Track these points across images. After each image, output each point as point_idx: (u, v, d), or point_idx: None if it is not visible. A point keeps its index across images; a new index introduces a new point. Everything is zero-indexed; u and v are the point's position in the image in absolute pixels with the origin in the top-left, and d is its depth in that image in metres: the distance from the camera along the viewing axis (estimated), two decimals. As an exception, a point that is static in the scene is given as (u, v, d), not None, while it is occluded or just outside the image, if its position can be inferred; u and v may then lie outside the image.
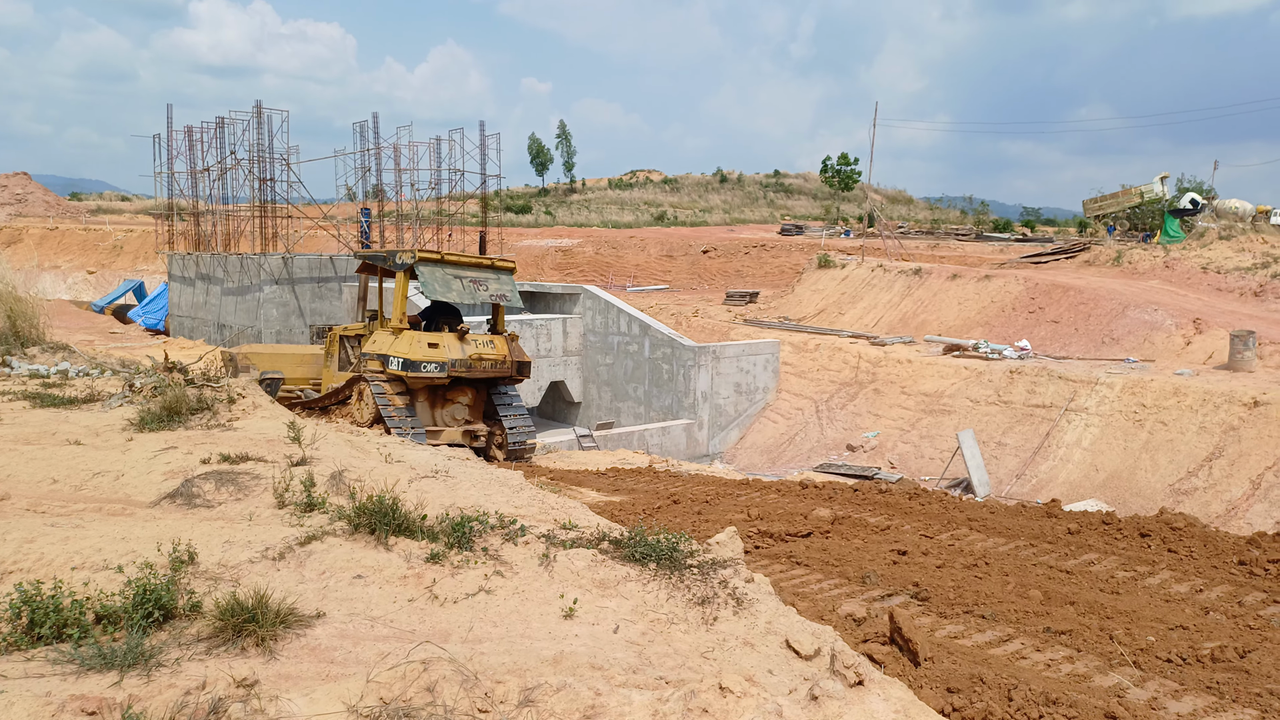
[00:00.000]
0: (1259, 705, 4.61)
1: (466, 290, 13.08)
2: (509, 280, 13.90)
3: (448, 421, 13.64)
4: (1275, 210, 37.13)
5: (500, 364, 13.35)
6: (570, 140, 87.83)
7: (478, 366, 13.05)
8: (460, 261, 13.48)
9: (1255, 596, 6.34)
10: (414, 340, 12.73)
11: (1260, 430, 13.66)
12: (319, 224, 33.16)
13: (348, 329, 15.31)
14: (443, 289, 12.80)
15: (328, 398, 14.23)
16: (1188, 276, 24.63)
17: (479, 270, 13.58)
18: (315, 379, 15.97)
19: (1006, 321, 22.90)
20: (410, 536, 4.04)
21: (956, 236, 53.37)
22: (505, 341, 13.65)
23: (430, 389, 13.40)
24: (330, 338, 15.56)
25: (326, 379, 15.32)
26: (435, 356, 12.64)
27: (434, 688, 2.80)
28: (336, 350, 15.31)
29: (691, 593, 3.99)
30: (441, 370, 12.68)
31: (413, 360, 12.51)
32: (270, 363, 15.66)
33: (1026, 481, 15.27)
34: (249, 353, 15.67)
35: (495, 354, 13.32)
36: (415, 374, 12.56)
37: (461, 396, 13.75)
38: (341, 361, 15.18)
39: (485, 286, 13.37)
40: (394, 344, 12.86)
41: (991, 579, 6.86)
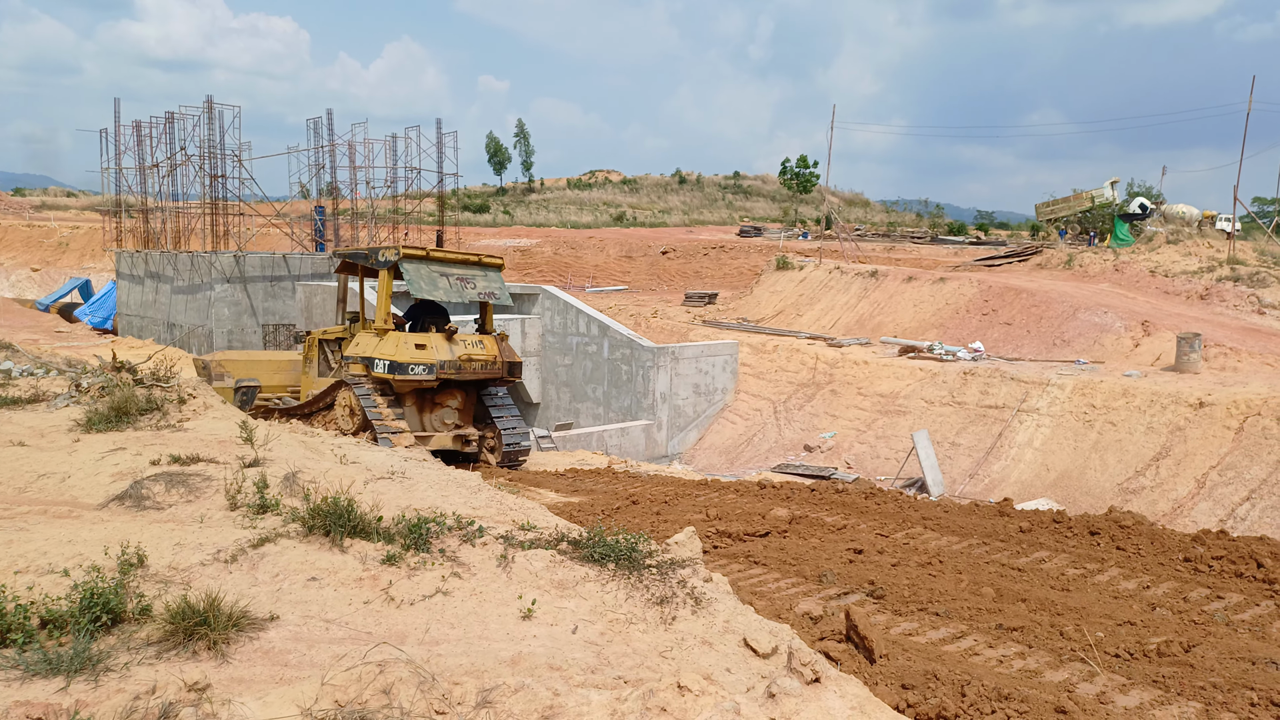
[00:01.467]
0: (1203, 698, 4.73)
1: (454, 288, 12.50)
2: (497, 277, 13.35)
3: (437, 426, 13.05)
4: (1221, 215, 38.18)
5: (491, 365, 12.74)
6: (528, 139, 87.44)
7: (467, 368, 12.44)
8: (446, 258, 12.90)
9: (1199, 592, 6.51)
10: (400, 341, 12.08)
11: (1205, 430, 14.02)
12: (272, 222, 32.65)
13: (327, 332, 14.60)
14: (429, 287, 12.22)
15: (309, 404, 13.62)
16: (1136, 280, 25.20)
17: (466, 267, 13.04)
18: (294, 386, 15.28)
19: (961, 323, 23.25)
20: (366, 538, 3.99)
21: (912, 239, 54.08)
22: (495, 341, 13.03)
23: (418, 393, 12.79)
24: (308, 342, 14.83)
25: (305, 386, 14.65)
26: (423, 358, 11.99)
27: (390, 689, 2.77)
28: (316, 355, 14.61)
29: (650, 593, 3.99)
30: (430, 373, 12.02)
31: (399, 363, 11.86)
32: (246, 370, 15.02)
33: (980, 481, 15.51)
34: (223, 360, 15.04)
35: (485, 354, 12.71)
36: (402, 377, 11.89)
37: (451, 400, 13.15)
38: (321, 367, 14.49)
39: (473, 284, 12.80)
40: (378, 346, 12.25)
41: (945, 577, 6.97)
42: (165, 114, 30.64)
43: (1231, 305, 22.16)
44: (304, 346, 14.96)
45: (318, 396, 13.38)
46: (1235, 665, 5.05)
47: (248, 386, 14.51)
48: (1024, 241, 46.13)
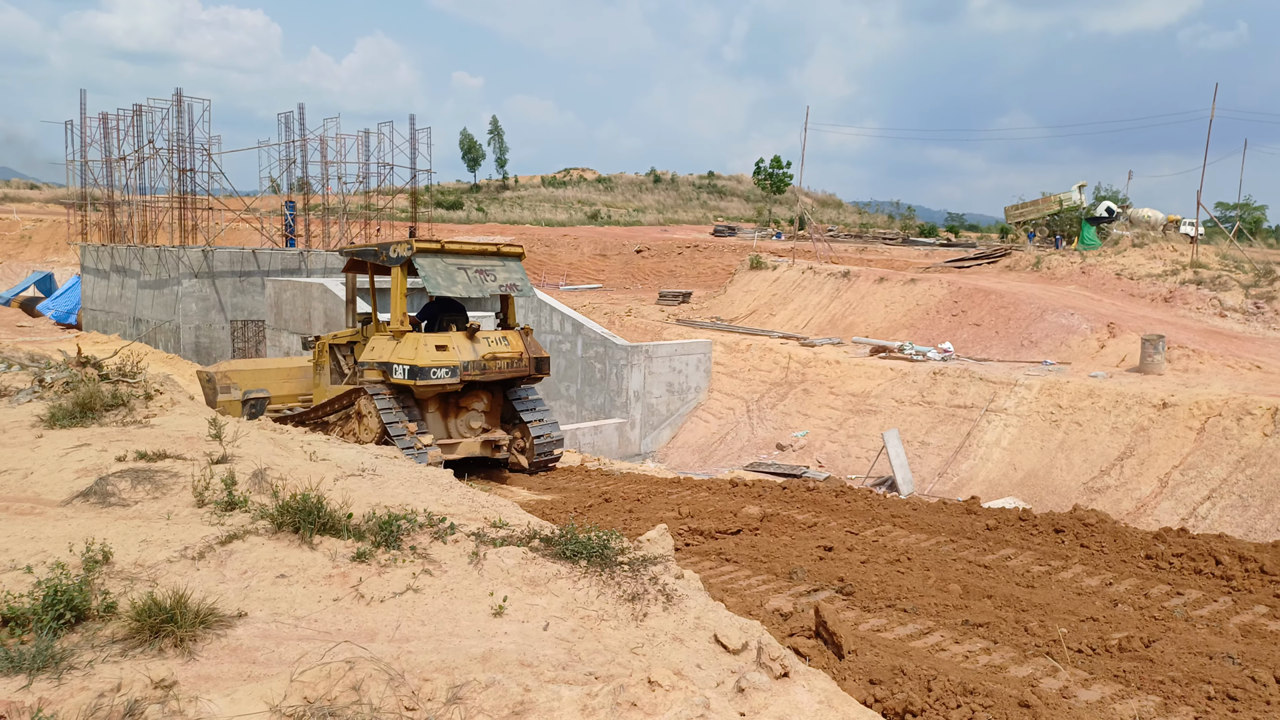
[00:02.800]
0: (1162, 692, 4.82)
1: (473, 282, 11.62)
2: (518, 267, 12.46)
3: (463, 432, 12.17)
4: (1185, 220, 38.84)
5: (517, 362, 11.86)
6: (503, 136, 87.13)
7: (493, 367, 11.53)
8: (463, 250, 11.92)
9: (1160, 589, 6.63)
10: (419, 344, 11.16)
11: (1168, 431, 14.26)
12: (241, 217, 32.29)
13: (337, 336, 13.70)
14: (446, 283, 11.34)
15: (323, 412, 12.72)
16: (1103, 282, 25.57)
17: (484, 258, 12.10)
18: (305, 394, 14.47)
19: (931, 324, 23.48)
20: (335, 535, 3.98)
21: (884, 240, 54.52)
22: (519, 336, 12.19)
23: (441, 397, 11.97)
24: (318, 347, 13.96)
25: (318, 395, 13.83)
26: (445, 360, 11.09)
27: (360, 686, 2.77)
28: (327, 361, 13.74)
29: (622, 589, 4.01)
30: (454, 375, 11.11)
31: (420, 367, 10.91)
32: (253, 380, 14.25)
33: (948, 479, 15.68)
34: (229, 371, 14.25)
35: (510, 351, 11.84)
36: (424, 382, 10.94)
37: (476, 402, 12.27)
38: (334, 373, 13.64)
39: (493, 276, 11.91)
40: (396, 349, 11.32)
41: (913, 574, 7.04)
42: (133, 106, 30.24)
43: (1194, 308, 22.55)
44: (314, 352, 14.12)
45: (331, 404, 12.59)
46: (1193, 660, 5.16)
47: (256, 398, 13.76)
48: (993, 244, 46.68)
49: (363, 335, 12.75)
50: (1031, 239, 39.55)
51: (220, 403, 13.07)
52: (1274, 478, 12.56)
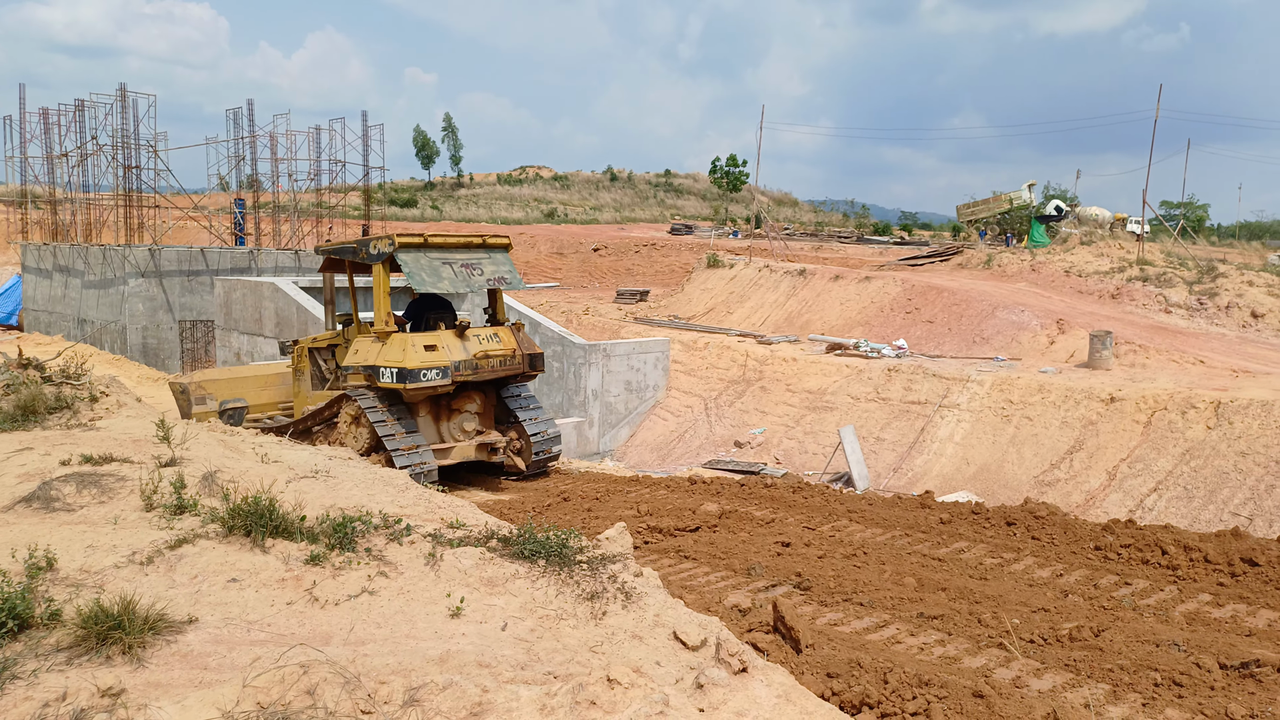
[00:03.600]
0: (1111, 680, 4.94)
1: (460, 277, 11.05)
2: (505, 259, 11.87)
3: (456, 435, 11.59)
4: (1131, 218, 39.76)
5: (510, 360, 11.33)
6: (457, 133, 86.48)
7: (485, 366, 11.00)
8: (446, 243, 11.35)
9: (1109, 579, 6.78)
10: (407, 345, 10.56)
11: (1116, 425, 14.59)
12: (189, 215, 31.65)
13: (317, 340, 13.01)
14: (432, 279, 10.75)
15: (307, 422, 11.99)
16: (1052, 279, 26.08)
17: (469, 251, 11.52)
18: (284, 402, 13.82)
19: (885, 321, 23.76)
20: (289, 538, 3.91)
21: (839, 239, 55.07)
22: (510, 332, 11.68)
23: (432, 400, 11.38)
24: (297, 352, 13.22)
25: (299, 402, 13.15)
26: (435, 361, 10.53)
27: (314, 690, 2.73)
28: (307, 366, 13.04)
29: (581, 588, 4.00)
30: (445, 376, 10.54)
31: (409, 369, 10.31)
32: (229, 389, 13.48)
33: (903, 475, 15.88)
34: (203, 381, 13.46)
35: (502, 348, 11.30)
36: (415, 385, 10.35)
37: (469, 404, 11.71)
38: (315, 379, 12.96)
39: (480, 270, 11.34)
40: (382, 352, 10.70)
41: (869, 568, 7.12)
42: (75, 101, 29.50)
43: (1141, 304, 23.10)
44: (292, 357, 13.40)
45: (315, 413, 11.85)
46: (1141, 648, 5.28)
47: (234, 408, 13.07)
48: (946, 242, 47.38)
49: (344, 337, 12.25)
50: (983, 237, 40.21)
51: (195, 414, 12.59)
52: (1217, 470, 12.91)
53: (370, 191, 35.45)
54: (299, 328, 20.72)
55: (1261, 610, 6.02)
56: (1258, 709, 4.50)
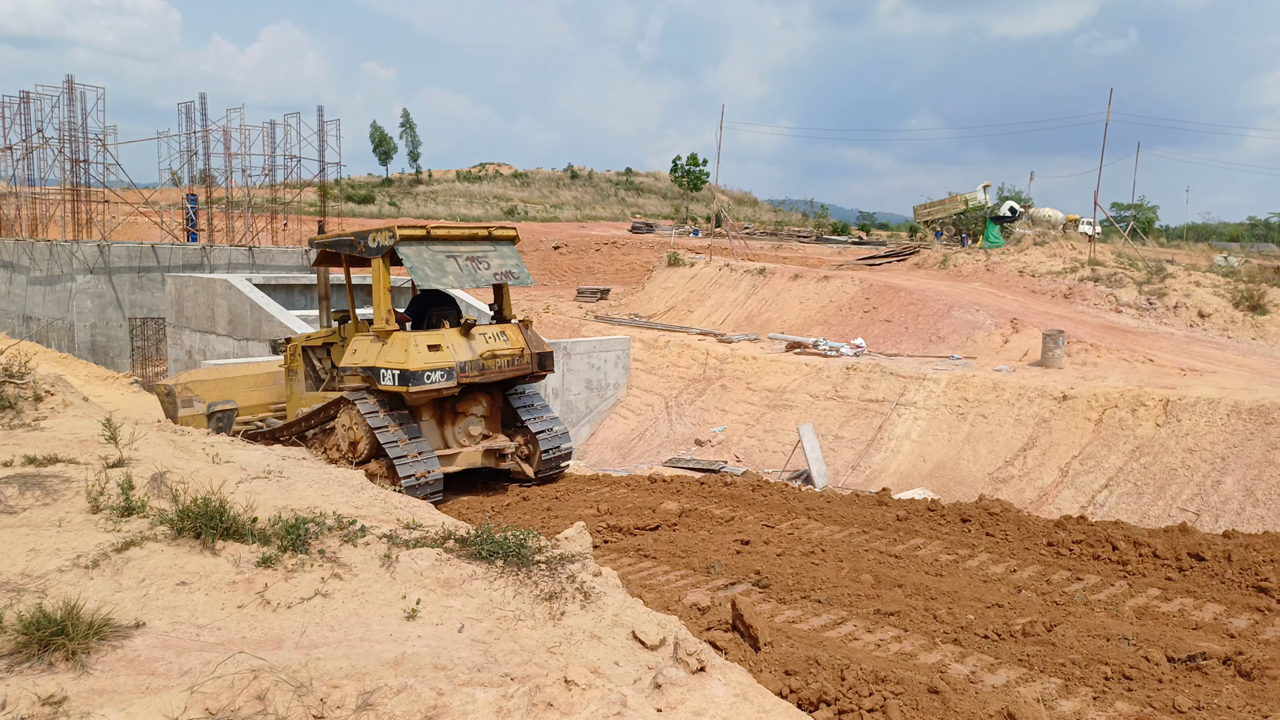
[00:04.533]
0: (1063, 674, 5.02)
1: (465, 271, 10.43)
2: (512, 252, 11.20)
3: (462, 440, 10.98)
4: (1083, 219, 40.53)
5: (518, 359, 10.70)
6: (415, 129, 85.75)
7: (491, 366, 10.36)
8: (450, 236, 10.69)
9: (1061, 575, 6.89)
10: (409, 344, 9.90)
11: (1068, 422, 14.85)
12: (140, 210, 31.00)
13: (311, 338, 12.28)
14: (435, 273, 10.13)
15: (301, 425, 11.32)
16: (1006, 279, 26.49)
17: (474, 244, 10.85)
18: (276, 404, 13.13)
19: (844, 320, 23.97)
20: (240, 540, 3.84)
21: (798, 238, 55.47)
22: (518, 330, 11.01)
23: (435, 403, 10.75)
24: (290, 350, 12.49)
25: (292, 404, 12.44)
26: (439, 362, 9.88)
27: (265, 695, 2.67)
28: (301, 365, 12.33)
29: (539, 588, 3.97)
30: (450, 378, 9.89)
31: (412, 371, 9.68)
32: (218, 390, 12.76)
33: (861, 472, 16.03)
34: (190, 382, 12.72)
35: (510, 347, 10.66)
36: (419, 387, 9.72)
37: (475, 406, 11.08)
38: (310, 379, 12.26)
39: (486, 263, 10.71)
40: (383, 352, 10.06)
41: (827, 565, 7.17)
42: (20, 93, 28.78)
43: (1092, 304, 23.55)
44: (285, 356, 12.64)
45: (310, 416, 11.15)
46: (1092, 642, 5.38)
47: (223, 410, 12.44)
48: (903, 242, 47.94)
49: (340, 336, 11.63)
50: (939, 237, 40.73)
51: (182, 418, 12.08)
52: (1166, 466, 13.20)
53: (326, 188, 35.02)
54: (252, 325, 20.39)
55: (1208, 604, 6.16)
56: (1204, 700, 4.60)
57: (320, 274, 12.60)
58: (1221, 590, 6.35)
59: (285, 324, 19.57)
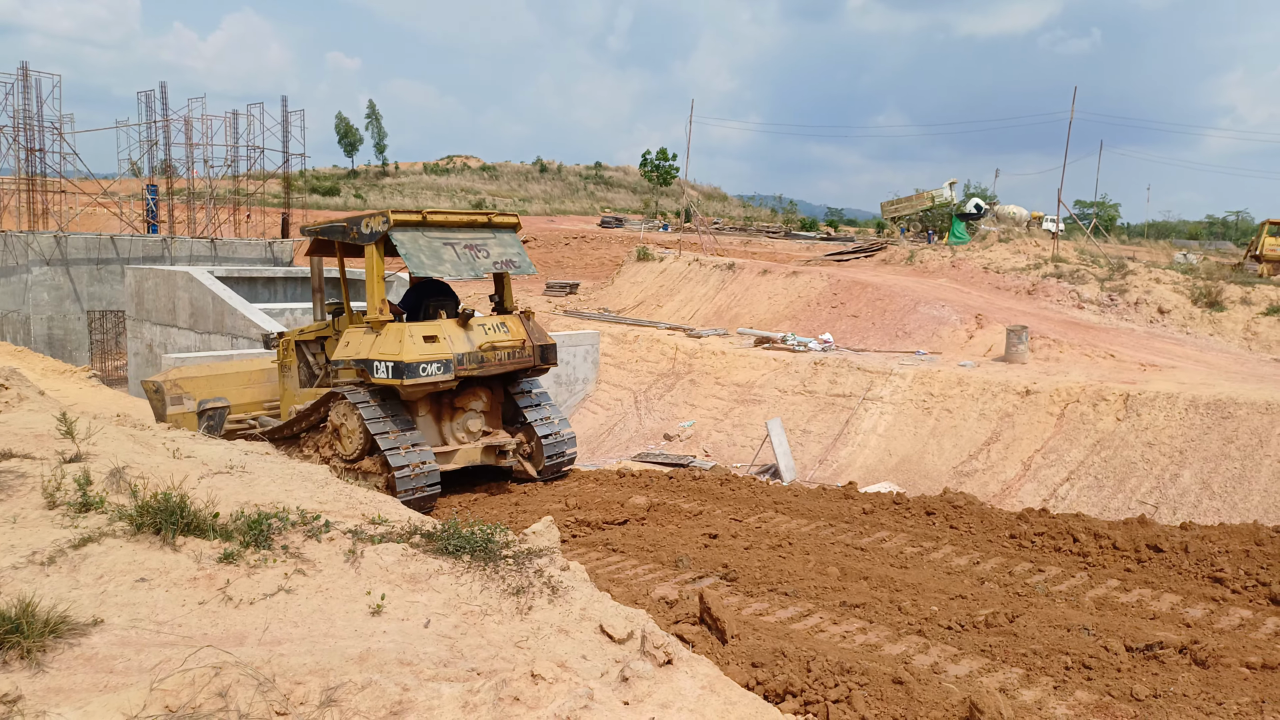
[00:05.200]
0: (1024, 664, 5.09)
1: (463, 260, 9.93)
2: (513, 240, 10.71)
3: (460, 437, 10.46)
4: (1047, 216, 41.11)
5: (519, 352, 10.22)
6: (380, 121, 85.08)
7: (491, 359, 9.90)
8: (448, 222, 10.15)
9: (1023, 566, 6.99)
10: (404, 336, 9.44)
11: (1031, 417, 15.06)
12: (98, 201, 30.42)
13: (304, 332, 11.78)
14: (432, 261, 9.64)
15: (296, 422, 10.79)
16: (971, 275, 26.79)
17: (473, 230, 10.35)
18: (270, 401, 12.55)
19: (812, 315, 24.12)
20: (201, 536, 3.78)
21: (767, 234, 55.70)
22: (519, 321, 10.51)
23: (433, 398, 10.25)
24: (283, 345, 11.94)
25: (286, 401, 11.84)
26: (436, 354, 9.42)
27: (226, 692, 2.64)
28: (294, 361, 11.77)
29: (506, 583, 3.95)
30: (447, 371, 9.43)
31: (407, 363, 9.22)
32: (209, 387, 12.19)
33: (828, 466, 16.15)
34: (180, 379, 12.12)
35: (511, 339, 10.19)
36: (413, 381, 9.23)
37: (474, 401, 10.56)
38: (304, 375, 11.72)
39: (485, 251, 10.22)
40: (376, 344, 9.60)
41: (794, 558, 7.22)
42: (-26, 80, 28.07)
43: (1055, 300, 23.89)
44: (278, 351, 12.06)
45: (303, 414, 10.60)
46: (1053, 633, 5.46)
47: (214, 408, 11.89)
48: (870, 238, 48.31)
49: (334, 329, 11.13)
50: (904, 233, 41.11)
51: (171, 416, 11.57)
52: (1126, 460, 13.43)
53: (291, 179, 34.60)
54: (215, 319, 20.10)
55: (1165, 594, 6.28)
56: (1160, 689, 4.69)
57: (313, 264, 11.91)
58: (1178, 581, 6.48)
59: (248, 317, 19.32)
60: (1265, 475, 12.10)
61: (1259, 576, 6.27)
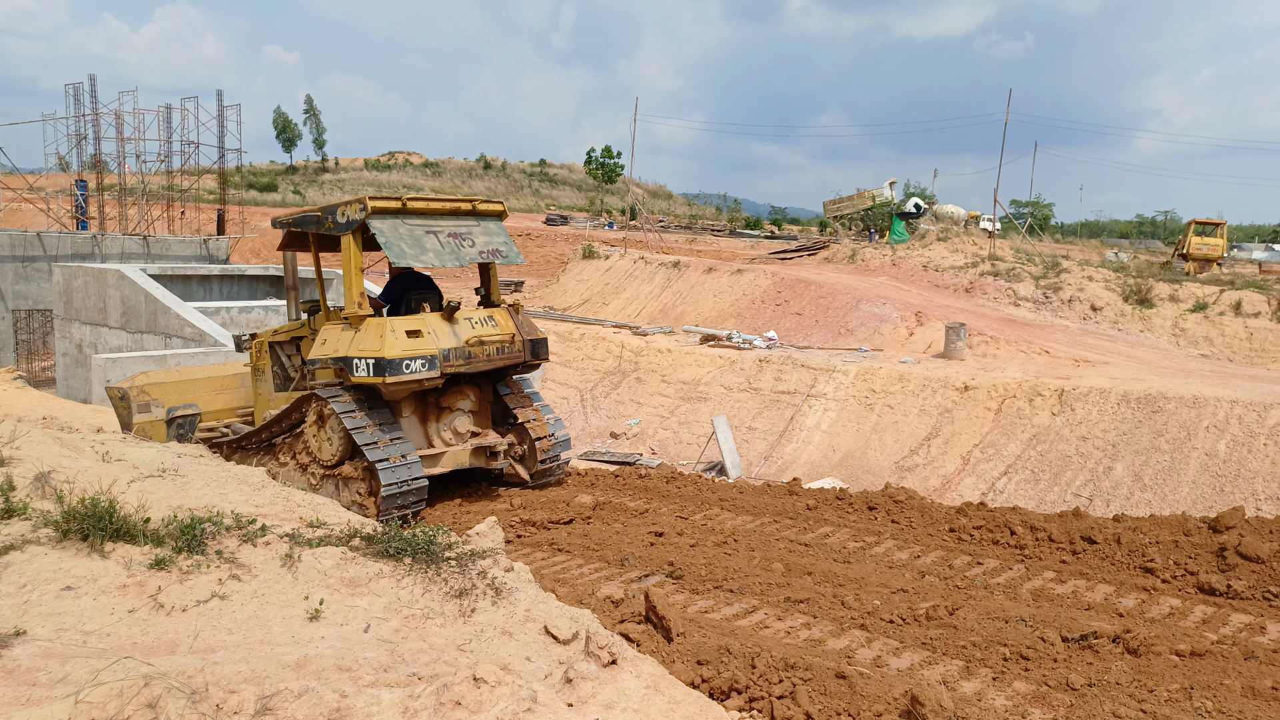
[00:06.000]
0: (964, 656, 5.18)
1: (447, 249, 9.31)
2: (499, 228, 10.10)
3: (448, 438, 9.79)
4: (984, 216, 41.97)
5: (508, 347, 9.58)
6: (319, 116, 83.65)
7: (479, 354, 9.28)
8: (430, 209, 9.55)
9: (963, 560, 7.12)
10: (385, 331, 8.79)
11: (969, 412, 15.36)
12: (24, 196, 29.39)
13: (278, 332, 11.01)
14: (414, 250, 9.02)
15: (269, 427, 10.12)
16: (911, 274, 27.25)
17: (457, 219, 9.71)
18: (244, 408, 11.75)
19: (756, 313, 24.30)
20: (131, 542, 3.66)
21: (712, 232, 56.00)
22: (508, 314, 9.89)
23: (417, 397, 9.60)
24: (256, 346, 11.14)
25: (260, 406, 11.14)
26: (420, 349, 8.80)
27: (157, 703, 2.55)
28: (268, 364, 11.00)
29: (449, 585, 3.90)
30: (432, 367, 8.80)
31: (390, 359, 8.59)
32: (178, 394, 11.41)
33: (774, 463, 16.29)
34: (147, 385, 11.33)
35: (499, 334, 9.55)
36: (396, 379, 8.62)
37: (461, 400, 9.91)
38: (279, 378, 10.98)
39: (470, 240, 9.60)
40: (355, 340, 8.94)
41: (740, 555, 7.26)
42: (-111, 70, 26.94)
43: (992, 298, 24.41)
44: (251, 353, 11.27)
45: (278, 418, 9.96)
46: (991, 624, 5.57)
47: (184, 416, 11.14)
48: (813, 236, 48.84)
49: (310, 328, 10.42)
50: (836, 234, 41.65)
51: (138, 424, 10.86)
52: (1061, 453, 13.77)
53: (227, 175, 33.81)
54: (148, 318, 19.56)
55: (1099, 585, 6.45)
56: (1095, 677, 4.81)
57: (287, 259, 11.14)
58: (1111, 571, 6.65)
59: (183, 316, 18.83)
60: (1193, 467, 12.51)
61: (1187, 566, 6.47)
